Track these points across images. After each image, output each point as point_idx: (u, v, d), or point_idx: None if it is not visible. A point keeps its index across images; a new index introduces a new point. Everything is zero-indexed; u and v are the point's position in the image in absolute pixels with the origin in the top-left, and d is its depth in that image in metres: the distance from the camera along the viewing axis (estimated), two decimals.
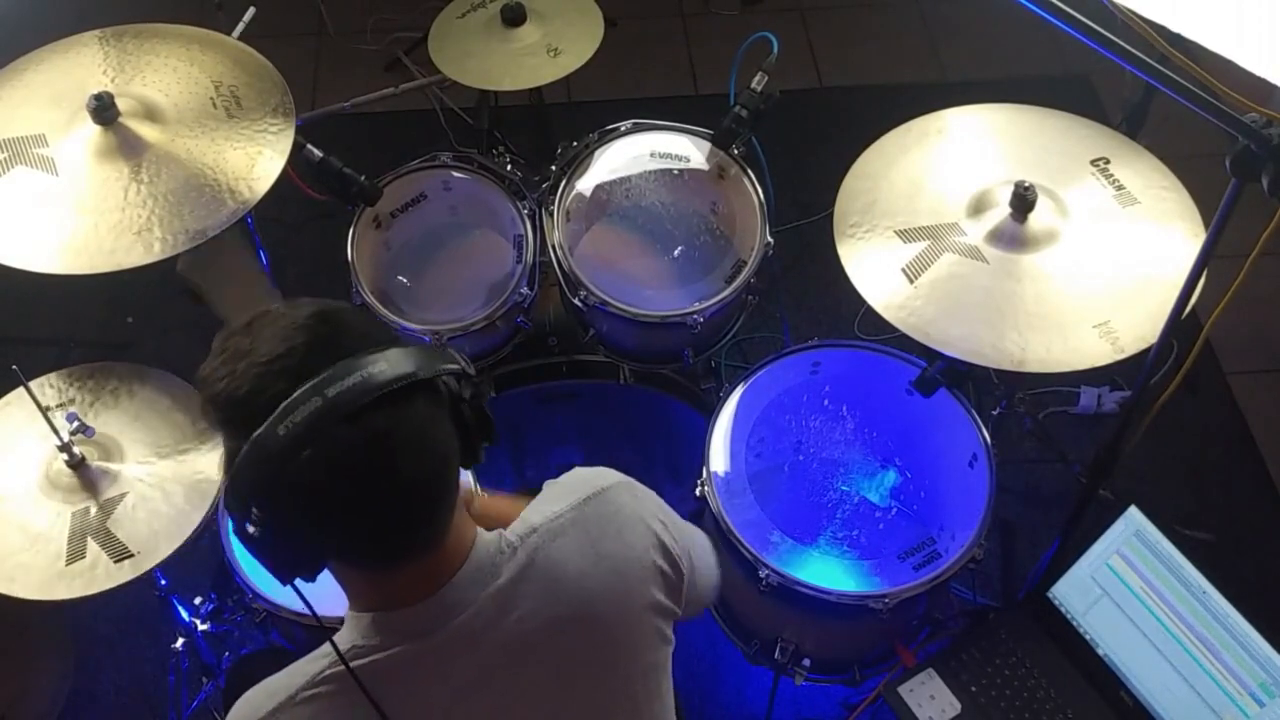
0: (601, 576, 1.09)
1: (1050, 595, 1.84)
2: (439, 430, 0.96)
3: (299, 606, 1.03)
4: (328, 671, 1.01)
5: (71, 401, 1.73)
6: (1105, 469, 1.67)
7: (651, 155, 2.06)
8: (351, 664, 0.99)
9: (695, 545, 1.25)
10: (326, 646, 1.02)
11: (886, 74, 3.42)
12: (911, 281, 1.66)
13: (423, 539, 0.99)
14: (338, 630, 1.05)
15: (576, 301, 1.93)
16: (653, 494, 1.20)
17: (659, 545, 1.14)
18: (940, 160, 1.79)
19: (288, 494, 0.90)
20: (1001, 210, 1.68)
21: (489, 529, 1.08)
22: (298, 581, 0.99)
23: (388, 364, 0.91)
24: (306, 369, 0.90)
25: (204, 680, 2.08)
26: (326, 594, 1.05)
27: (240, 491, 0.91)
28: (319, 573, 0.99)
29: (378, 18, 3.48)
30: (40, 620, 2.28)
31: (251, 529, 0.92)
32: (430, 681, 1.02)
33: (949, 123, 1.84)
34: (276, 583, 0.98)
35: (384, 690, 1.00)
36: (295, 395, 0.88)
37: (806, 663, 1.92)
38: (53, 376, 1.77)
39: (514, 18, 2.10)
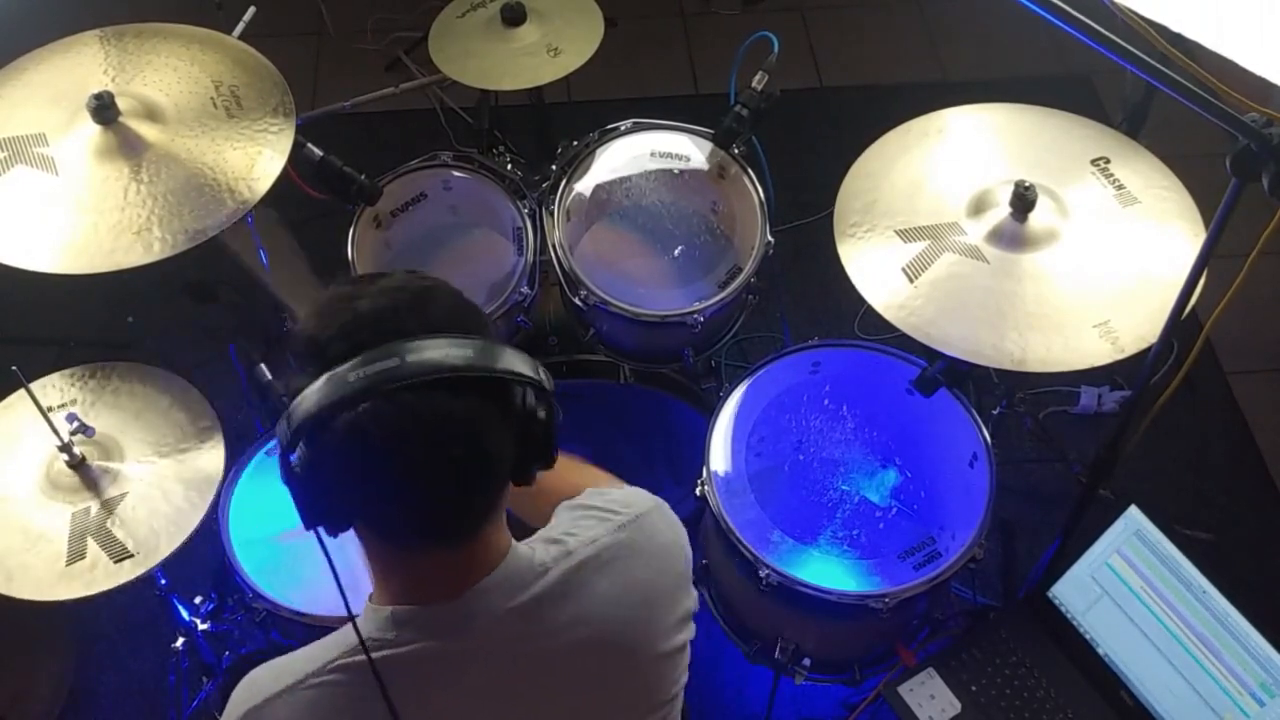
0: (630, 605, 1.09)
1: (1050, 595, 1.84)
2: (494, 432, 0.96)
3: (298, 605, 1.02)
4: (340, 661, 1.00)
5: (72, 402, 1.73)
6: (1105, 469, 1.67)
7: (652, 155, 2.06)
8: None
9: None
10: (339, 634, 1.01)
11: (886, 74, 3.42)
12: (911, 281, 1.66)
13: (449, 526, 0.98)
14: (332, 630, 1.03)
15: (577, 301, 1.93)
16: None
17: (685, 575, 1.15)
18: (940, 160, 1.79)
19: (336, 439, 0.90)
20: (1001, 210, 1.68)
21: (544, 502, 1.11)
22: (286, 576, 0.99)
23: (472, 352, 0.93)
24: (392, 326, 0.92)
25: (204, 680, 2.07)
26: (323, 595, 1.05)
27: (297, 424, 0.92)
28: (345, 528, 0.99)
29: (378, 18, 3.48)
30: (40, 620, 2.28)
31: (294, 464, 0.93)
32: (443, 685, 1.01)
33: (949, 123, 1.84)
34: (276, 582, 0.98)
35: (396, 687, 0.98)
36: (379, 348, 0.90)
37: (807, 662, 1.92)
38: (53, 376, 1.77)
39: (514, 17, 2.09)
